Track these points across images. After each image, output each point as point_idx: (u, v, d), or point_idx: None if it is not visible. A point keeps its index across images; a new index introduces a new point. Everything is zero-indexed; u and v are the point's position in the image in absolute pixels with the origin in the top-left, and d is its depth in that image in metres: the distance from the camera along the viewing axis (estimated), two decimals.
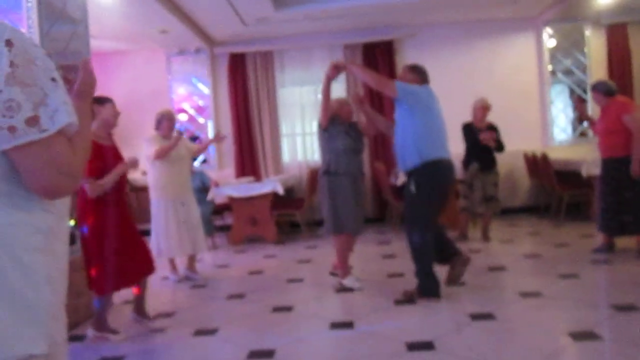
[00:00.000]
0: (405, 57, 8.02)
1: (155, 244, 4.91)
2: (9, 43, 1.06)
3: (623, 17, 7.74)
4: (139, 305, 3.85)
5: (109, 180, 3.46)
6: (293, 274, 5.11)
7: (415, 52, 7.95)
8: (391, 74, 7.84)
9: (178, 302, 4.56)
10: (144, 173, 8.20)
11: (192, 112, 8.48)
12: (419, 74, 4.02)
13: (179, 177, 4.97)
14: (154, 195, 4.95)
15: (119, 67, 8.19)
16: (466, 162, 6.01)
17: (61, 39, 4.00)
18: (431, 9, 7.22)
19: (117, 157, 3.66)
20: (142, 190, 8.18)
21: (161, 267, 5.55)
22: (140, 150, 8.03)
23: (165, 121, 4.92)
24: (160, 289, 4.89)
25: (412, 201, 3.91)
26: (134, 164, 3.74)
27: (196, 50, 8.12)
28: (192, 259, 5.25)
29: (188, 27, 6.84)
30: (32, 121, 1.06)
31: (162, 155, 4.77)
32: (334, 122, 4.38)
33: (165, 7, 5.93)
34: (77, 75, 1.32)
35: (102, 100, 3.61)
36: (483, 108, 6.02)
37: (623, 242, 5.06)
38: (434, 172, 3.83)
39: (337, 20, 7.38)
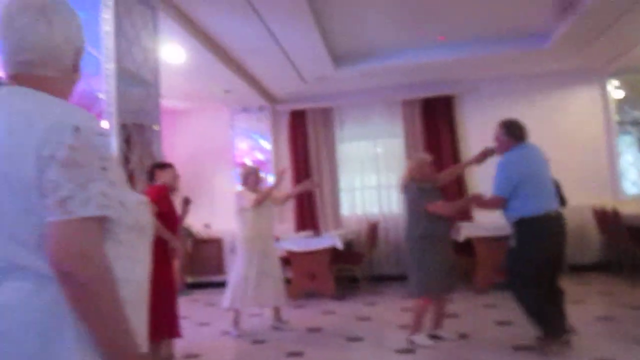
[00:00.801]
0: (465, 112, 8.00)
1: (229, 294, 5.09)
2: (76, 129, 1.14)
3: None
4: None
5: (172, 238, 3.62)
6: (353, 332, 5.02)
7: (476, 107, 7.91)
8: (451, 128, 7.84)
9: (237, 358, 4.56)
10: (207, 225, 8.43)
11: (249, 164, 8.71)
12: (510, 134, 3.92)
13: (266, 229, 5.23)
14: (241, 247, 5.16)
15: (186, 124, 8.59)
16: None
17: (135, 100, 4.26)
18: (490, 64, 7.22)
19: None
20: (204, 242, 8.39)
21: (224, 320, 5.61)
22: (201, 201, 8.31)
23: (252, 176, 5.30)
24: (220, 344, 4.92)
25: (515, 257, 3.77)
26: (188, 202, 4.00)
27: (259, 107, 8.42)
28: (277, 310, 5.41)
29: (251, 86, 7.13)
30: (64, 202, 1.09)
31: (262, 200, 5.06)
32: (421, 183, 4.33)
33: (229, 68, 6.22)
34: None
35: (163, 166, 3.87)
36: None
37: None
38: (537, 225, 3.68)
39: (395, 76, 7.50)
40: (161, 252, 3.66)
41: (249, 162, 8.68)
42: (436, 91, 7.91)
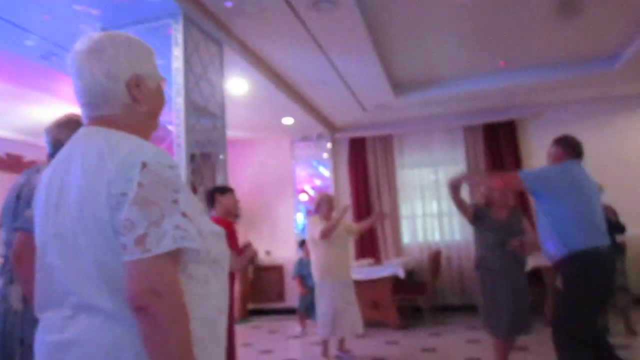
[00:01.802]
0: (529, 136, 7.79)
1: (322, 325, 5.06)
2: (144, 165, 1.17)
3: None
4: None
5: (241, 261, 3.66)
6: None
7: (540, 131, 7.68)
8: (515, 153, 7.65)
9: None
10: (268, 252, 8.53)
11: (312, 193, 8.78)
12: (565, 147, 3.46)
13: (341, 258, 5.15)
14: (317, 276, 5.13)
15: (248, 153, 8.80)
16: None
17: (203, 131, 4.42)
18: (554, 89, 7.02)
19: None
20: (265, 269, 8.48)
21: (286, 348, 5.61)
22: (263, 228, 8.43)
23: (325, 204, 5.25)
24: None
25: (562, 300, 3.30)
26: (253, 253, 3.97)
27: (318, 135, 8.52)
28: (343, 341, 5.34)
29: (311, 115, 7.24)
30: (140, 240, 1.11)
31: (328, 234, 4.97)
32: (484, 214, 4.15)
33: (290, 98, 6.35)
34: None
35: (224, 190, 3.95)
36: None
37: None
38: (585, 263, 3.16)
39: (456, 103, 7.42)
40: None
41: (310, 190, 8.78)
42: (499, 117, 7.76)
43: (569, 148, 3.44)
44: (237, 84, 5.77)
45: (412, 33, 5.28)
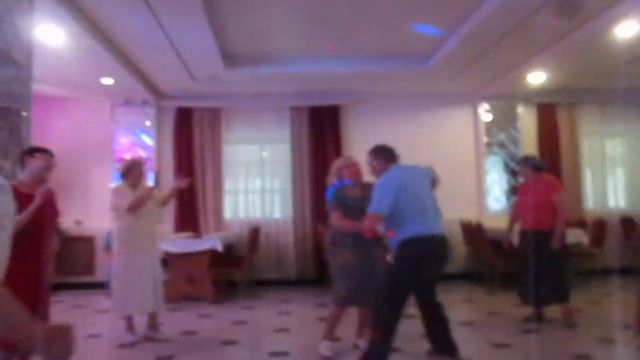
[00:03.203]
0: (351, 122, 8.27)
1: (115, 300, 4.69)
2: None
3: (552, 97, 8.33)
4: None
5: (23, 217, 3.23)
6: (228, 336, 4.95)
7: (361, 118, 8.21)
8: (337, 137, 8.05)
9: None
10: (78, 222, 7.90)
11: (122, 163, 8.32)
12: (383, 156, 3.96)
13: (147, 230, 4.77)
14: (119, 249, 4.70)
15: (63, 113, 8.00)
16: None
17: (2, 81, 3.90)
18: (376, 79, 7.53)
19: (53, 207, 3.51)
20: (74, 240, 7.84)
21: (88, 324, 5.27)
22: (74, 196, 7.78)
23: (135, 170, 4.79)
24: (80, 348, 4.61)
25: (389, 272, 3.81)
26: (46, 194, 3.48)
27: (142, 101, 8.06)
28: (153, 318, 4.93)
29: (136, 79, 6.81)
30: None
31: (135, 209, 4.58)
32: (342, 194, 4.23)
33: (113, 56, 5.90)
34: None
35: (32, 151, 3.48)
36: None
37: (551, 312, 5.22)
38: (410, 250, 3.67)
39: (285, 83, 7.56)
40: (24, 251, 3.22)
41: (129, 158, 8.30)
42: (324, 100, 8.09)
43: (387, 156, 3.96)
44: (52, 33, 5.17)
45: (248, 5, 5.21)
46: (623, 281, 7.08)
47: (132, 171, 4.78)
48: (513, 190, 8.62)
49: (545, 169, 5.36)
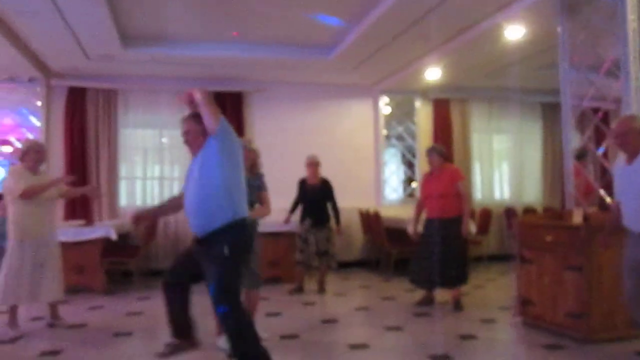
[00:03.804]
0: (254, 110, 8.21)
1: (4, 290, 4.41)
2: None
3: (447, 93, 8.78)
4: None
5: None
6: (121, 327, 4.75)
7: (263, 106, 8.18)
8: (239, 124, 7.95)
9: None
10: None
11: (18, 145, 7.72)
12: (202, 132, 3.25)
13: (46, 217, 4.60)
14: (12, 234, 4.46)
15: None
16: (302, 218, 6.22)
17: None
18: (279, 67, 7.50)
19: None
20: None
21: None
22: None
23: (32, 153, 4.55)
24: None
25: (225, 267, 3.07)
26: None
27: (29, 79, 7.47)
28: (54, 306, 4.79)
29: (21, 54, 6.28)
30: None
31: (30, 195, 4.39)
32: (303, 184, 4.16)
33: None
34: None
35: None
36: (312, 164, 6.28)
37: (441, 296, 5.53)
38: (245, 231, 3.20)
39: (186, 66, 7.33)
40: None
41: (16, 142, 7.69)
42: (226, 87, 7.94)
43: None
44: None
45: None
46: (505, 267, 7.66)
47: (28, 154, 4.56)
48: (409, 181, 9.04)
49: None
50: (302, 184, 6.29)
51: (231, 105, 7.99)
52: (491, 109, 9.24)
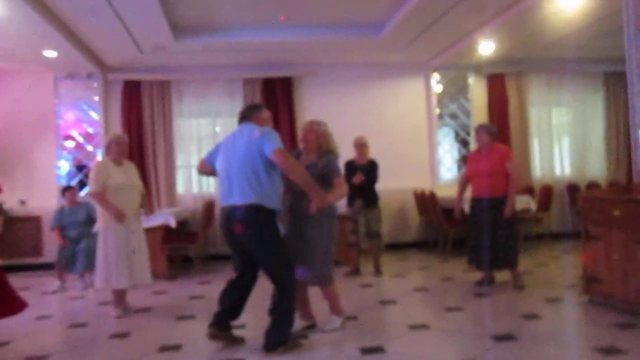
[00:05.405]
0: (304, 94, 8.20)
1: (102, 275, 4.69)
2: None
3: (501, 68, 8.48)
4: None
5: None
6: (183, 311, 4.90)
7: (314, 90, 8.16)
8: (290, 109, 7.98)
9: (53, 344, 4.18)
10: (22, 202, 7.59)
11: (80, 139, 8.03)
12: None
13: (131, 205, 4.80)
14: (101, 223, 4.71)
15: (2, 87, 7.62)
16: (350, 199, 6.15)
17: None
18: (328, 49, 7.45)
19: None
20: (19, 220, 7.54)
21: (39, 305, 5.10)
22: (17, 174, 7.47)
23: (114, 145, 4.80)
24: (34, 329, 4.47)
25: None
26: None
27: (88, 74, 7.75)
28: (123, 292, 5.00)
29: (79, 50, 6.51)
30: None
31: (94, 199, 4.72)
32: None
33: (56, 28, 5.63)
34: None
35: None
36: (359, 145, 6.22)
37: (501, 275, 5.39)
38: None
39: (236, 54, 7.39)
40: None
41: (78, 136, 8.00)
42: (276, 72, 7.97)
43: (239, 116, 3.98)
44: None
45: None
46: (569, 244, 7.38)
47: (110, 147, 4.82)
48: (464, 160, 8.82)
49: (498, 137, 5.49)
50: (350, 165, 6.22)
51: (282, 91, 8.01)
52: (549, 81, 8.86)
